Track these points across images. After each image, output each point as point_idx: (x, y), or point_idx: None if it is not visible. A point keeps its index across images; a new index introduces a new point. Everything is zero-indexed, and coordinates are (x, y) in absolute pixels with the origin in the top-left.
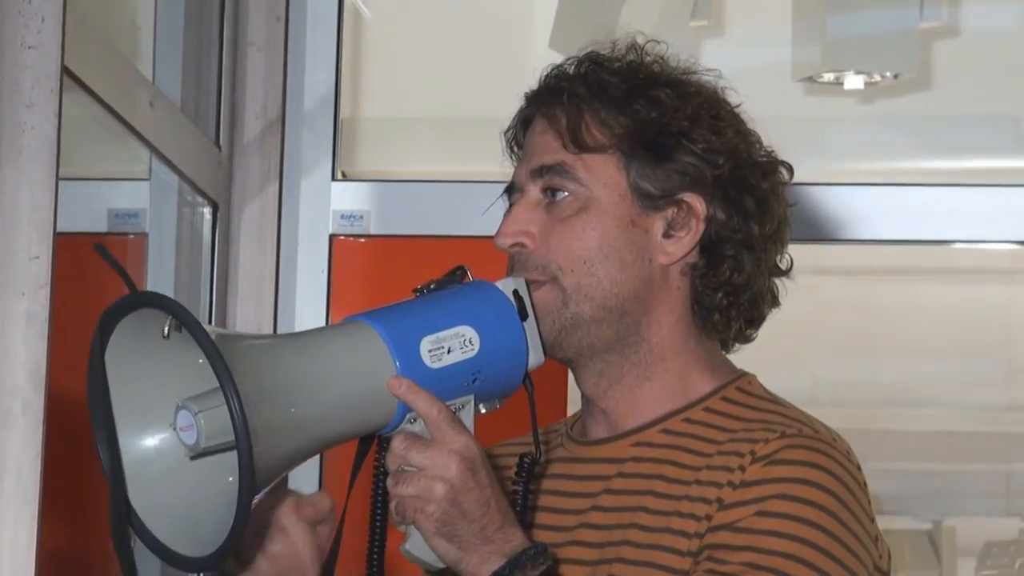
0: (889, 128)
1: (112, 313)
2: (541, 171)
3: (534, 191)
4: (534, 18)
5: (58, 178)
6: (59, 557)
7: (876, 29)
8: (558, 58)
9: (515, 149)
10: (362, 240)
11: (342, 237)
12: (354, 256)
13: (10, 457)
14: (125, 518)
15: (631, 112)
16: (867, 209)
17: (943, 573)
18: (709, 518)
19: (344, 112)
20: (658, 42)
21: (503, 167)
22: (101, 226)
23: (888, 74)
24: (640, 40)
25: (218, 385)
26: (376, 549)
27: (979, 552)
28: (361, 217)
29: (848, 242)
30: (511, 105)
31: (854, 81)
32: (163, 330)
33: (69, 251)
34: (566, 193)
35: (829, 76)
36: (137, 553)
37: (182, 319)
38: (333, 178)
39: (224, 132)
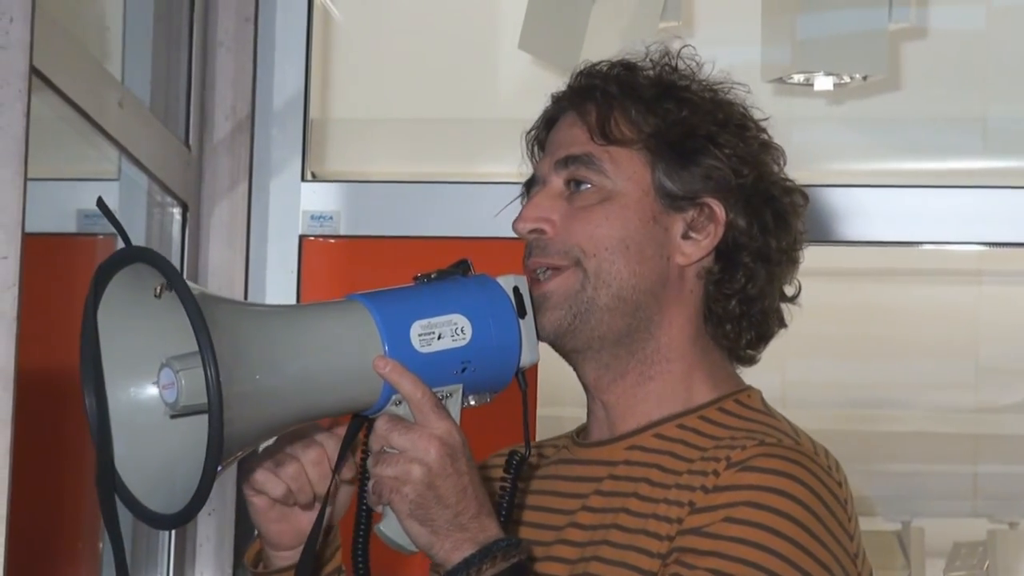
0: (858, 129)
1: (107, 266)
2: (567, 161)
3: (557, 181)
4: (503, 19)
5: (26, 178)
6: (28, 558)
7: (845, 30)
8: (527, 59)
9: (535, 149)
10: (332, 241)
11: (311, 238)
12: (323, 257)
13: None
14: (111, 475)
15: (661, 112)
16: (835, 210)
17: (912, 574)
18: (680, 521)
19: (313, 113)
20: (693, 48)
21: (472, 168)
22: (70, 227)
23: (857, 75)
24: (674, 47)
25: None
26: (362, 531)
27: (948, 553)
28: (331, 218)
29: (816, 243)
30: (480, 106)
31: (823, 82)
32: (155, 289)
33: (38, 252)
34: (589, 185)
35: (799, 77)
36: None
37: (168, 276)
38: (303, 179)
39: (193, 132)
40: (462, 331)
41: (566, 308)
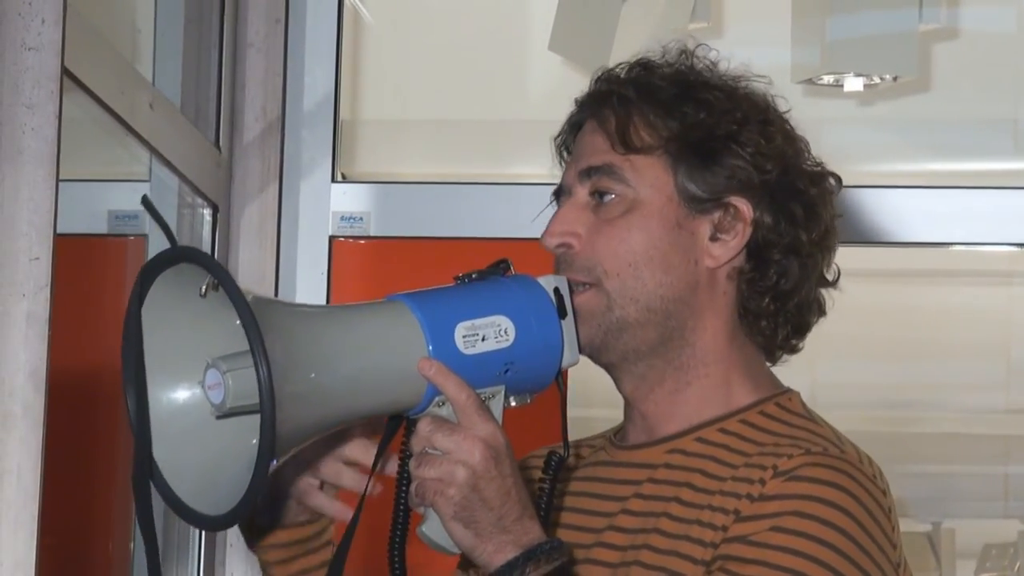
0: (888, 130)
1: (153, 266)
2: (589, 172)
3: (582, 192)
4: (533, 20)
5: (58, 179)
6: (59, 559)
7: (875, 31)
8: (557, 61)
9: (564, 154)
10: (362, 242)
11: (342, 239)
12: (354, 258)
13: (10, 459)
14: (147, 471)
15: (680, 114)
16: (865, 211)
17: (943, 575)
18: (725, 529)
19: (344, 114)
20: (709, 47)
21: (502, 169)
22: (101, 227)
23: (887, 76)
24: (691, 45)
25: (249, 347)
26: (399, 531)
27: (978, 554)
28: (361, 219)
29: (847, 244)
30: (510, 107)
31: (853, 83)
32: (200, 289)
33: (69, 252)
34: (613, 195)
35: (828, 78)
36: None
37: (219, 277)
38: (333, 180)
39: (224, 134)
40: (505, 332)
41: (595, 325)
